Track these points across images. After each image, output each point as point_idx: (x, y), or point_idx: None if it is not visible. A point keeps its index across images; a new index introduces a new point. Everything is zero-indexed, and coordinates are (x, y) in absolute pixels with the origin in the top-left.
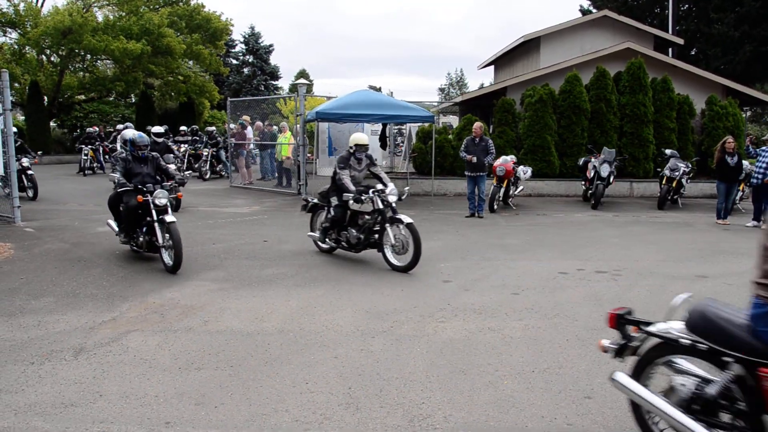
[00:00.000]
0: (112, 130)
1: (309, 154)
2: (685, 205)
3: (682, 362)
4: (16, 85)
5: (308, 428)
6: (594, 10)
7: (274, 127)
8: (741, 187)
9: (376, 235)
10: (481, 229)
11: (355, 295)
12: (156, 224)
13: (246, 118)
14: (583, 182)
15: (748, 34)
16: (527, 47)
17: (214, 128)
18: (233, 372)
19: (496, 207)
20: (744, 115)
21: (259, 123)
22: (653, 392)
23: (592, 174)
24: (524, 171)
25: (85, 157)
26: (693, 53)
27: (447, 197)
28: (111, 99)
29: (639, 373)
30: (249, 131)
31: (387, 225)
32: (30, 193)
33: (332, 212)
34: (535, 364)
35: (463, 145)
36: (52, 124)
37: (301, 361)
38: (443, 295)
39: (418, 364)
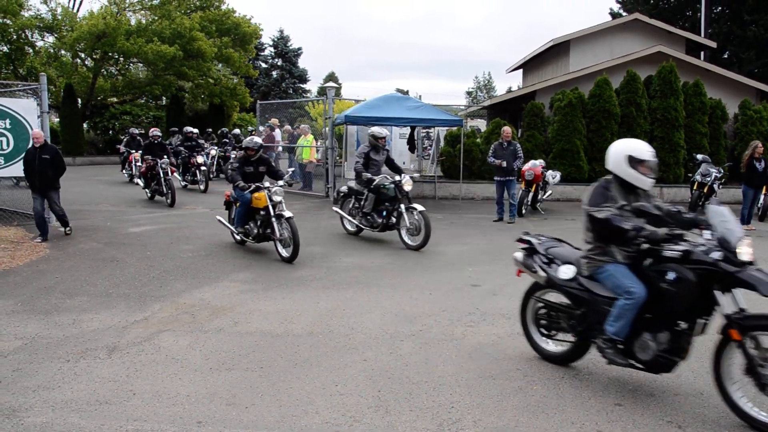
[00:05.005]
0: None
1: (338, 157)
2: None
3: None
4: (52, 87)
5: (338, 430)
6: (624, 14)
7: (304, 126)
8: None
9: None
10: (509, 234)
11: (384, 298)
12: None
13: (274, 121)
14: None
15: None
16: (556, 51)
17: (238, 131)
18: (263, 373)
19: (524, 212)
20: None
21: (288, 127)
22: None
23: None
24: (553, 175)
25: (140, 164)
26: (726, 56)
27: (475, 201)
28: (142, 101)
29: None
30: (277, 134)
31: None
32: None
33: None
34: (564, 370)
35: (491, 150)
36: (85, 126)
37: (331, 364)
38: (472, 299)
39: (447, 368)
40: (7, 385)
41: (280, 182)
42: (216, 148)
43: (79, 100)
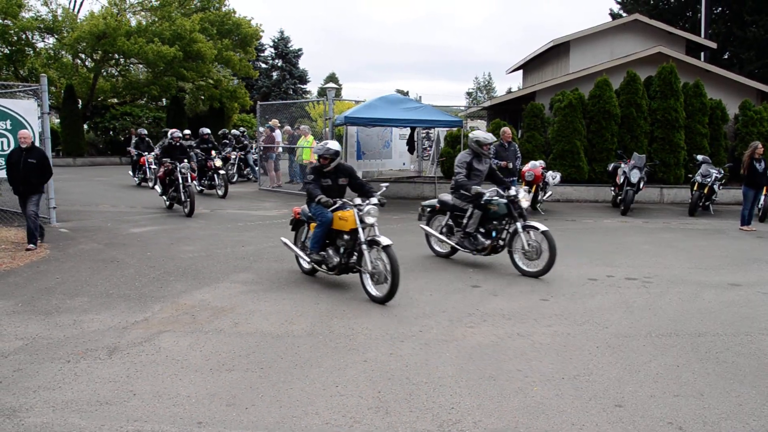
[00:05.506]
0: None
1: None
2: (716, 212)
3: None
4: (53, 88)
5: (338, 431)
6: (624, 15)
7: (304, 126)
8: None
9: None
10: None
11: None
12: (364, 246)
13: (275, 121)
14: (612, 188)
15: None
16: (556, 51)
17: (238, 132)
18: (263, 374)
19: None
20: None
21: (288, 128)
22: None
23: (621, 180)
24: (553, 176)
25: (154, 167)
26: (726, 57)
27: None
28: (142, 102)
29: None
30: (278, 134)
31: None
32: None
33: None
34: (564, 371)
35: (492, 152)
36: (85, 126)
37: (331, 365)
38: (472, 300)
39: (447, 369)
40: (8, 385)
41: (373, 200)
42: (237, 150)
43: (80, 101)
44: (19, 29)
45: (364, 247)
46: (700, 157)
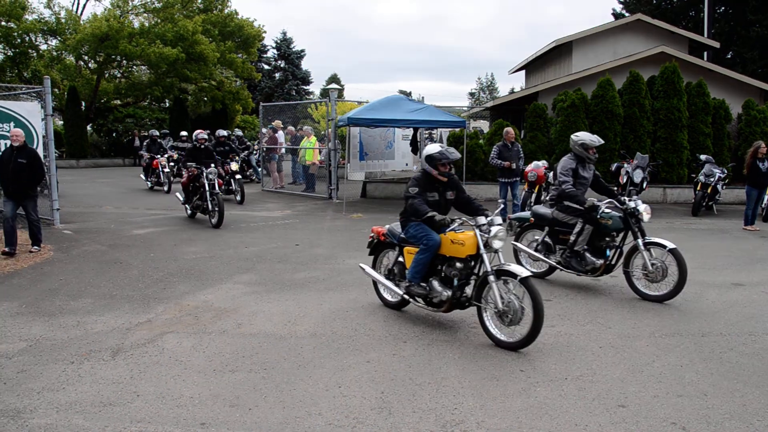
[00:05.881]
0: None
1: (341, 159)
2: (720, 212)
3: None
4: (56, 90)
5: (341, 431)
6: (627, 14)
7: (306, 128)
8: None
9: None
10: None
11: None
12: (491, 277)
13: (277, 122)
14: (615, 188)
15: None
16: (559, 52)
17: (240, 132)
18: (267, 375)
19: None
20: None
21: (291, 128)
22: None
23: (624, 180)
24: None
25: (168, 170)
26: (729, 56)
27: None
28: (145, 104)
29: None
30: (280, 135)
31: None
32: None
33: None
34: (567, 372)
35: (494, 152)
36: (88, 128)
37: (334, 365)
38: None
39: (450, 370)
40: (12, 386)
41: (497, 219)
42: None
43: (83, 103)
44: (22, 31)
45: (491, 278)
46: (703, 157)
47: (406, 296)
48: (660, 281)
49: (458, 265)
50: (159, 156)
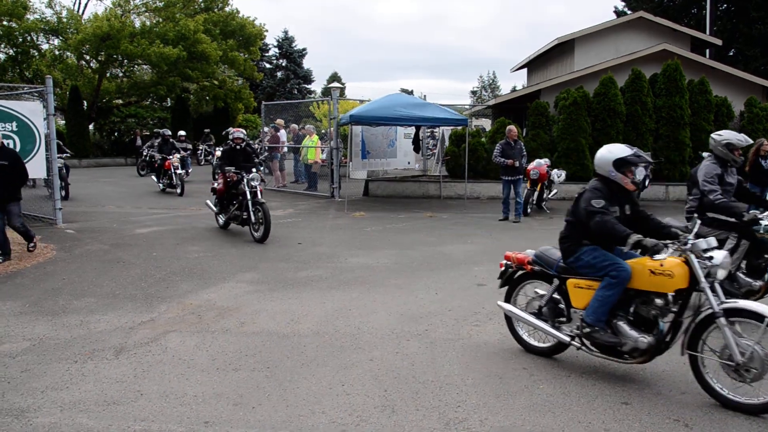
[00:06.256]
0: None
1: (343, 157)
2: None
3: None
4: (58, 90)
5: (345, 430)
6: (629, 12)
7: (309, 126)
8: None
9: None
10: (515, 233)
11: (390, 298)
12: (722, 321)
13: (279, 121)
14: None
15: None
16: (561, 49)
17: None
18: (270, 373)
19: (529, 211)
20: None
21: (294, 126)
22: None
23: None
24: (558, 174)
25: (181, 171)
26: (731, 54)
27: (480, 200)
28: (147, 103)
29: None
30: (282, 134)
31: None
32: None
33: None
34: (571, 369)
35: (497, 150)
36: (90, 128)
37: (337, 364)
38: (477, 298)
39: (454, 368)
40: (16, 385)
41: (713, 241)
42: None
43: (85, 103)
44: (24, 31)
45: (722, 321)
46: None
47: (575, 343)
48: None
49: (658, 301)
50: (171, 157)
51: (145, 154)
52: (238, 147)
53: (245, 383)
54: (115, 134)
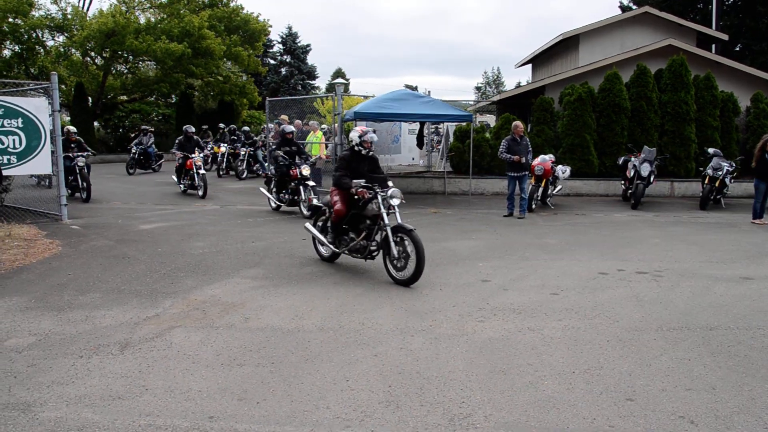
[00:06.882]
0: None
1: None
2: (728, 206)
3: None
4: (63, 86)
5: (349, 425)
6: (634, 7)
7: (313, 122)
8: None
9: None
10: (520, 229)
11: (394, 294)
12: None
13: (284, 117)
14: (622, 182)
15: None
16: (566, 45)
17: (248, 128)
18: (274, 369)
19: (534, 206)
20: None
21: (298, 122)
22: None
23: (632, 173)
24: (563, 170)
25: (203, 171)
26: (737, 49)
27: (484, 196)
28: (152, 99)
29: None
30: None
31: None
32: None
33: None
34: (575, 365)
35: (503, 146)
36: (95, 124)
37: (342, 359)
38: (482, 294)
39: (458, 364)
40: (22, 380)
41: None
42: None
43: (90, 99)
44: (29, 28)
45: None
46: (711, 150)
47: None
48: None
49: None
50: (194, 156)
51: (134, 151)
52: (363, 152)
53: (250, 378)
54: (120, 131)
